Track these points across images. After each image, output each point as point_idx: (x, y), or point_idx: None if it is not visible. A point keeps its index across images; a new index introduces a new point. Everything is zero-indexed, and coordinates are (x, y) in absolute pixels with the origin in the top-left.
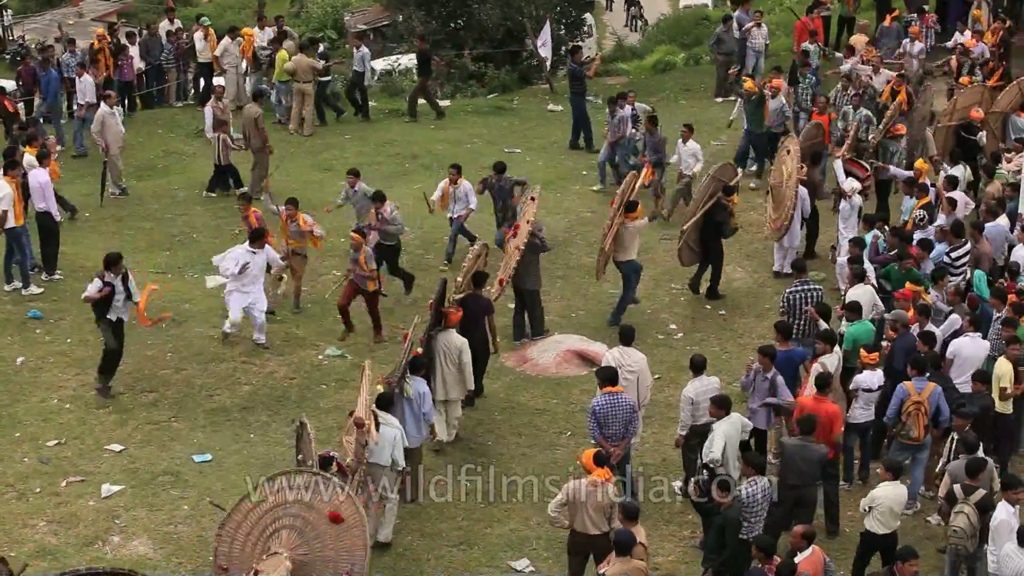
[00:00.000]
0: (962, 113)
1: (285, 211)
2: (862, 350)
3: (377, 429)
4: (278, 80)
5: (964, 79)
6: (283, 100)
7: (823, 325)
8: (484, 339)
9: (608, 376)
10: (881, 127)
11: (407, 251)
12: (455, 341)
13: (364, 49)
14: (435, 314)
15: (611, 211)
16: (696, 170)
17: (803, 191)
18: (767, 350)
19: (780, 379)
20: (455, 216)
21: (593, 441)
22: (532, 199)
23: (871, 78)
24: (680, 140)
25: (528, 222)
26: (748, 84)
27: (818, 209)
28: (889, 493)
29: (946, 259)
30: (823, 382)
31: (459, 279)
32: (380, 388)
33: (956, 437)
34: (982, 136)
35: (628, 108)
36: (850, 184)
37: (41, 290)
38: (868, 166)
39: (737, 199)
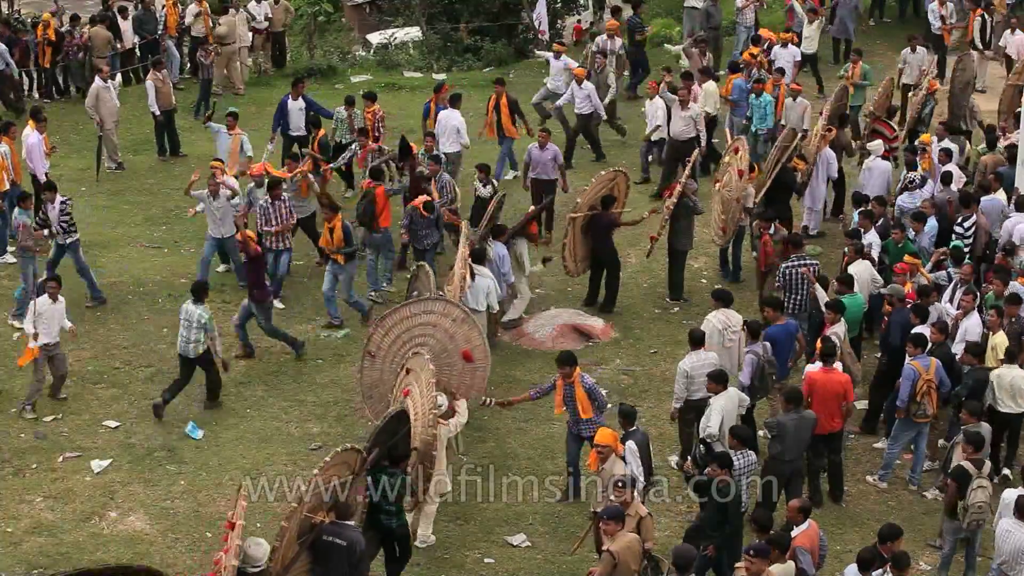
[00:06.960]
0: None
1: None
2: None
3: (472, 279)
4: None
5: None
6: None
7: (823, 296)
8: (613, 253)
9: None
10: (924, 85)
11: None
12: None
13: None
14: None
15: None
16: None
17: (830, 153)
18: (752, 326)
19: (749, 358)
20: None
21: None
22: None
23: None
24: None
25: (681, 183)
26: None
27: (844, 171)
28: (1005, 373)
29: (959, 230)
30: (830, 351)
31: (579, 199)
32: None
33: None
34: None
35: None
36: (876, 145)
37: (14, 260)
38: (896, 126)
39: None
